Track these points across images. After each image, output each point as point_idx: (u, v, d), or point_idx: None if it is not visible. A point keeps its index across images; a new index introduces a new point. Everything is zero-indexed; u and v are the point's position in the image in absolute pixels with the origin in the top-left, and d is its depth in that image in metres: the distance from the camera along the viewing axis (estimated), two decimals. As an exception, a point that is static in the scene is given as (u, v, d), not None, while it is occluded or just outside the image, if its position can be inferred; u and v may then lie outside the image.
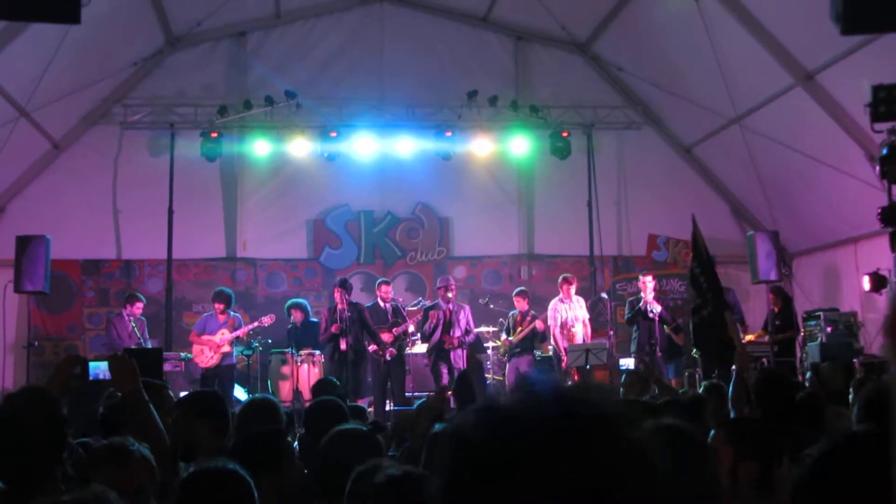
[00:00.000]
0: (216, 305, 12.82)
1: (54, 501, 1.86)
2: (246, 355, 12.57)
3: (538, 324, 12.64)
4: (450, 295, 12.45)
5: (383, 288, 12.93)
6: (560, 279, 12.97)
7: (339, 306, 12.13)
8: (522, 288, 13.22)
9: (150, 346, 12.28)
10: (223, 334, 12.72)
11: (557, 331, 12.70)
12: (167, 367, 11.76)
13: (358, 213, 15.18)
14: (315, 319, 13.12)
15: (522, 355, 12.65)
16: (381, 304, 12.77)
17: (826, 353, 11.13)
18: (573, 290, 12.83)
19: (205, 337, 12.74)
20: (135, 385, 3.60)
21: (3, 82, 11.55)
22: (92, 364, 8.50)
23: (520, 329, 12.66)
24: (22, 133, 12.40)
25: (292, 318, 12.84)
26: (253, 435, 3.60)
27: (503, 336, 12.81)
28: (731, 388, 5.67)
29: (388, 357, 12.31)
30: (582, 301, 12.96)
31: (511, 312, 12.97)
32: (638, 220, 15.14)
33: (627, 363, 12.56)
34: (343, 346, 11.92)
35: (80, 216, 14.15)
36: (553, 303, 12.90)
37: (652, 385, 7.00)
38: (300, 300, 13.31)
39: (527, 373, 11.15)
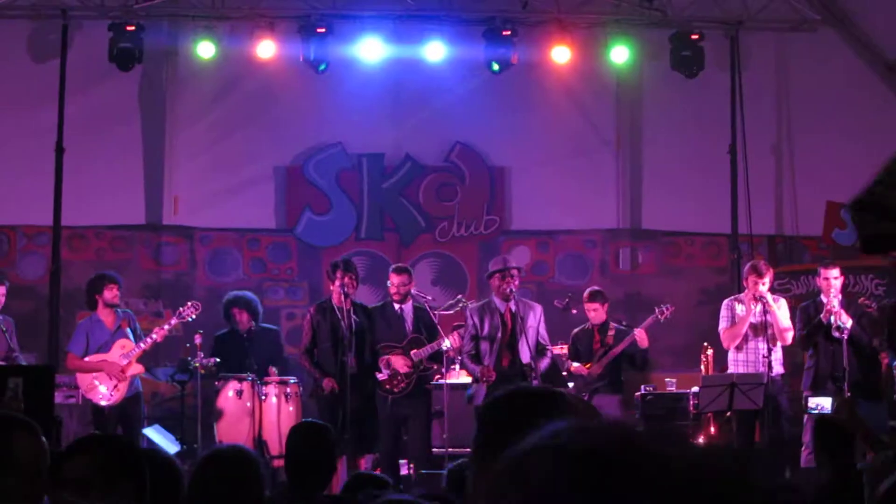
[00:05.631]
0: (106, 293, 12.14)
1: None
2: (179, 382, 12.15)
3: (639, 335, 12.15)
4: (510, 289, 11.52)
5: (395, 279, 12.05)
6: (747, 267, 12.23)
7: (338, 302, 11.52)
8: (597, 289, 12.77)
9: (22, 361, 11.88)
10: (124, 347, 11.99)
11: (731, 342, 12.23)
12: (57, 396, 11.28)
13: (358, 159, 14.86)
14: (270, 326, 13.03)
15: (607, 393, 12.28)
16: (396, 306, 11.99)
17: None
18: (764, 285, 11.89)
19: (95, 357, 12.02)
20: None
21: None
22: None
23: (600, 350, 12.32)
24: None
25: (236, 321, 12.53)
26: None
27: (572, 363, 12.49)
28: None
29: (396, 391, 11.77)
30: (783, 303, 12.26)
31: (577, 330, 12.67)
32: (810, 179, 14.76)
33: (819, 404, 11.81)
34: (351, 362, 11.50)
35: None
36: (726, 302, 12.40)
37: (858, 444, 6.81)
38: (244, 293, 12.93)
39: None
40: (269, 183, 14.88)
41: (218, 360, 12.17)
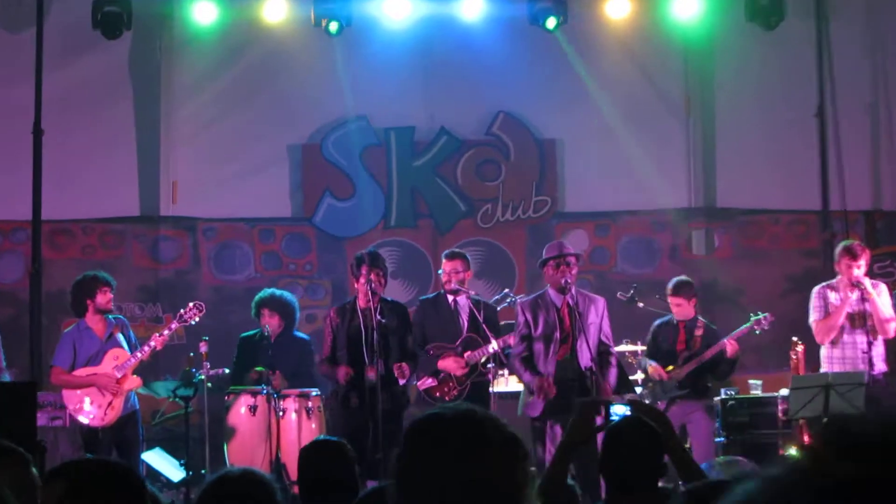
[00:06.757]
0: (99, 297, 11.62)
1: None
2: (183, 397, 11.59)
3: (728, 345, 11.54)
4: (566, 279, 10.79)
5: (447, 266, 11.51)
6: (839, 249, 11.79)
7: (363, 303, 11.14)
8: (684, 279, 12.10)
9: (7, 377, 11.76)
10: (117, 358, 11.45)
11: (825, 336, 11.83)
12: (41, 418, 10.98)
13: (385, 133, 14.45)
14: (301, 335, 12.61)
15: (691, 399, 11.59)
16: (450, 298, 11.54)
17: None
18: (860, 268, 11.49)
19: (84, 371, 11.49)
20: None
21: None
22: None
23: (684, 353, 11.75)
24: None
25: (263, 325, 12.14)
26: None
27: (648, 364, 11.89)
28: None
29: (448, 399, 11.23)
30: (884, 289, 11.79)
31: (659, 322, 12.01)
32: (914, 144, 14.46)
33: None
34: (371, 375, 11.07)
35: None
36: (817, 290, 11.95)
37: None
38: (282, 294, 12.54)
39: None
40: (283, 165, 14.52)
41: (227, 370, 11.79)
